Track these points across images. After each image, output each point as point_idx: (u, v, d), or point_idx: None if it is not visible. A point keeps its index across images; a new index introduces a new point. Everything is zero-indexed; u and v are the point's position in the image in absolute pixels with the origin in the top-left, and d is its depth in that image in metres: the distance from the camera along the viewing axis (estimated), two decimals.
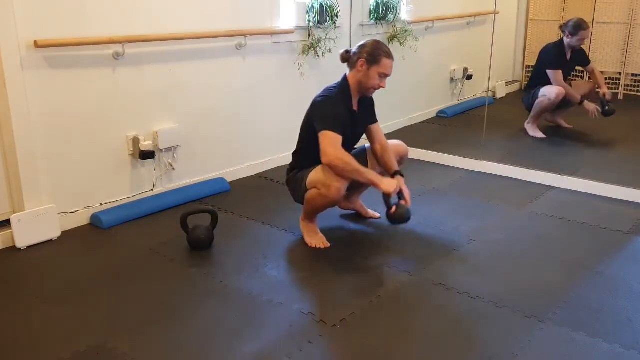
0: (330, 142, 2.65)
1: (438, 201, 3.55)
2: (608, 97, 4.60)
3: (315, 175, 2.78)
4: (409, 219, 2.79)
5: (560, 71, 4.69)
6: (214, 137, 3.71)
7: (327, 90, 2.85)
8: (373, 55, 2.74)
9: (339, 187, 2.69)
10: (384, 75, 2.77)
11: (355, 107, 2.88)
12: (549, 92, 4.67)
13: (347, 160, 2.66)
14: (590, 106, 4.61)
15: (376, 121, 3.04)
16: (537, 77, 4.83)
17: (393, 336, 2.17)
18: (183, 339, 2.15)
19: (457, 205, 3.49)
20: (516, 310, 2.34)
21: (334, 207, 3.27)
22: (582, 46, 4.73)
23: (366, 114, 2.97)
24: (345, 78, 2.84)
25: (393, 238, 3.03)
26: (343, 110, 2.78)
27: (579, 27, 4.60)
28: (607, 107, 4.55)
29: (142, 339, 2.15)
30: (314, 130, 2.74)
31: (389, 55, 2.76)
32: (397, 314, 2.33)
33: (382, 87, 2.79)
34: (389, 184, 2.73)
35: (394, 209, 2.76)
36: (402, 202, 2.78)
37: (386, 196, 2.74)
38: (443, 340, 2.15)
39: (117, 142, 3.23)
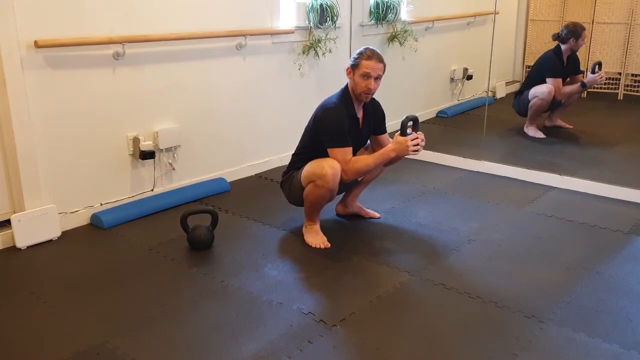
0: (341, 159, 2.78)
1: (438, 201, 3.55)
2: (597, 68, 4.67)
3: (309, 168, 2.84)
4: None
5: (561, 79, 4.72)
6: (214, 137, 3.71)
7: (329, 99, 2.90)
8: (354, 60, 2.83)
9: (333, 173, 2.73)
10: (366, 75, 2.78)
11: (359, 115, 2.92)
12: (540, 92, 4.69)
13: (359, 165, 2.80)
14: (593, 78, 4.65)
15: (385, 132, 3.09)
16: (529, 84, 4.85)
17: (393, 336, 2.17)
18: (183, 339, 2.15)
19: (457, 205, 3.49)
20: (516, 310, 2.34)
21: (334, 209, 3.29)
22: (578, 51, 4.78)
23: (373, 123, 3.02)
24: (346, 86, 2.91)
25: (393, 238, 3.03)
26: (347, 120, 2.83)
27: (581, 28, 4.65)
28: (596, 67, 4.63)
29: (142, 339, 2.15)
30: (317, 139, 2.85)
31: (370, 57, 2.78)
32: (397, 314, 2.33)
33: (369, 87, 2.80)
34: (399, 147, 2.76)
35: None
36: (416, 134, 2.78)
37: (403, 131, 2.78)
38: (443, 340, 2.15)
39: (117, 142, 3.23)
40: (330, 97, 2.92)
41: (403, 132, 2.76)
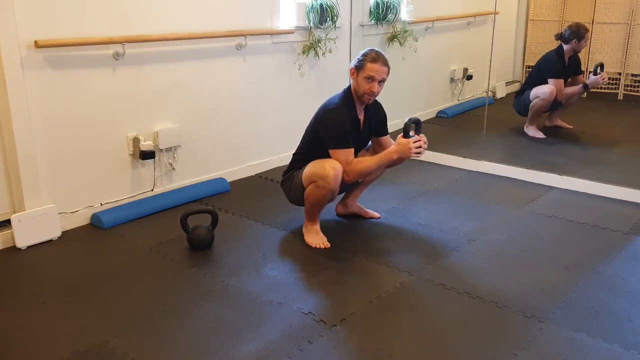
0: (343, 160, 2.78)
1: (438, 201, 3.55)
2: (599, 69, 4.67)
3: (310, 169, 2.83)
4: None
5: (562, 80, 4.72)
6: (214, 137, 3.71)
7: (331, 100, 2.90)
8: (359, 61, 2.82)
9: (335, 173, 2.73)
10: (370, 78, 2.78)
11: (360, 116, 2.92)
12: (542, 92, 4.69)
13: (361, 167, 2.79)
14: (595, 80, 4.65)
15: (387, 134, 3.08)
16: (530, 84, 4.86)
17: (393, 336, 2.17)
18: (183, 339, 2.15)
19: (457, 205, 3.49)
20: (516, 310, 2.34)
21: (334, 209, 3.29)
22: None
23: (374, 124, 3.02)
24: (349, 87, 2.90)
25: (393, 238, 3.03)
26: (348, 121, 2.83)
27: (584, 29, 4.65)
28: (598, 69, 4.63)
29: (142, 339, 2.15)
30: (319, 139, 2.84)
31: (375, 60, 2.78)
32: (397, 314, 2.33)
33: (372, 91, 2.80)
34: (401, 149, 2.75)
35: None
36: (419, 136, 2.77)
37: (405, 133, 2.76)
38: (443, 340, 2.15)
39: (118, 142, 3.23)
40: (332, 97, 2.92)
41: (406, 134, 2.75)
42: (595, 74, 4.63)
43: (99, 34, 3.01)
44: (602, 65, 4.65)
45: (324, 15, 4.10)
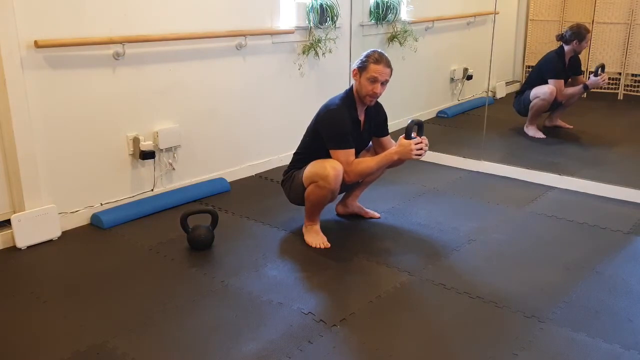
0: (344, 161, 2.78)
1: (438, 201, 3.55)
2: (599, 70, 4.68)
3: (311, 169, 2.83)
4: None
5: (562, 80, 4.72)
6: (214, 137, 3.71)
7: (333, 100, 2.90)
8: (362, 62, 2.81)
9: (335, 174, 2.73)
10: (373, 79, 2.78)
11: (360, 117, 2.92)
12: (542, 92, 4.69)
13: (361, 167, 2.80)
14: (596, 81, 4.65)
15: (387, 134, 3.08)
16: (530, 84, 4.86)
17: (393, 336, 2.17)
18: (183, 339, 2.15)
19: (457, 205, 3.49)
20: (516, 310, 2.34)
21: (334, 209, 3.29)
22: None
23: (374, 125, 3.02)
24: (351, 88, 2.90)
25: (393, 238, 3.03)
26: (349, 122, 2.82)
27: (585, 30, 4.66)
28: (599, 70, 4.63)
29: (142, 339, 2.15)
30: (319, 139, 2.84)
31: (378, 61, 2.78)
32: (397, 314, 2.33)
33: (375, 92, 2.80)
34: (402, 150, 2.76)
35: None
36: (421, 138, 2.78)
37: (407, 135, 2.76)
38: (443, 340, 2.15)
39: (118, 142, 3.23)
40: (333, 97, 2.92)
41: (408, 135, 2.75)
42: (596, 75, 4.63)
43: (99, 34, 3.01)
44: (603, 67, 4.65)
45: (324, 15, 4.10)
